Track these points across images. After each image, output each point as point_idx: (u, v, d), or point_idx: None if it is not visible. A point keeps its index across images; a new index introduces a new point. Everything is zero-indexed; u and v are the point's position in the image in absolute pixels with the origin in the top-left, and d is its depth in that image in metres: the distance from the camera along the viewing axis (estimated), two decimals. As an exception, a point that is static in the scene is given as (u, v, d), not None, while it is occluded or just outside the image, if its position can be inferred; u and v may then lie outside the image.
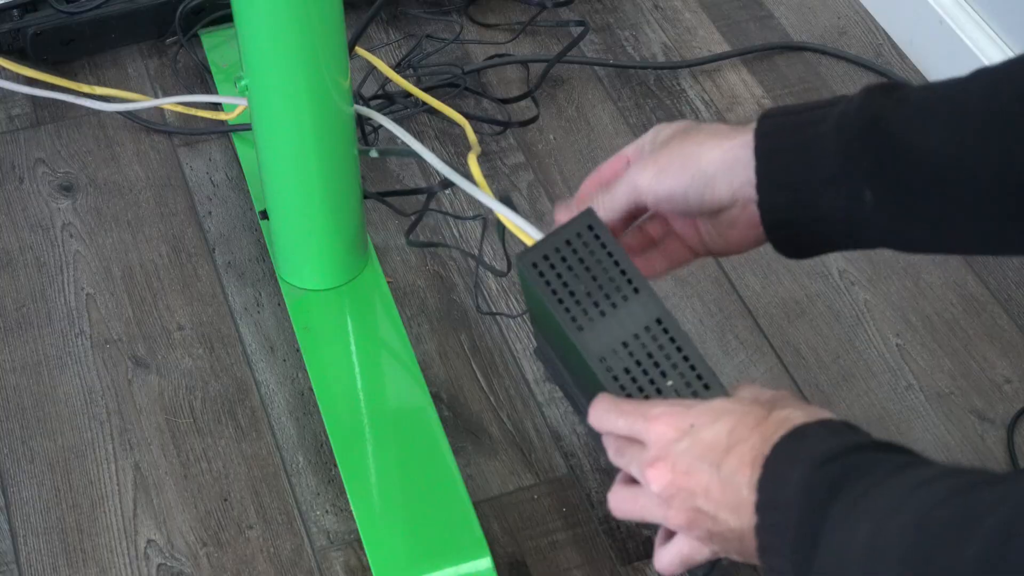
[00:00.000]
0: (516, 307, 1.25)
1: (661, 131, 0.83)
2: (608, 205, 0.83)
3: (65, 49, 1.44)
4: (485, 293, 1.26)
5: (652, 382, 0.79)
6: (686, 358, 0.79)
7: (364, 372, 1.16)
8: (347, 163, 1.14)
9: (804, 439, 0.69)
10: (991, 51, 1.39)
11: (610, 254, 0.81)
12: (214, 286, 1.26)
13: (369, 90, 1.40)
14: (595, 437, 0.83)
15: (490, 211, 1.11)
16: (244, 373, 1.20)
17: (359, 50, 1.30)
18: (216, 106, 1.40)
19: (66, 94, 1.39)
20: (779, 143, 0.77)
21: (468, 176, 1.10)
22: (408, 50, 1.45)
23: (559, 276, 0.81)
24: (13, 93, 1.42)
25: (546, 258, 0.81)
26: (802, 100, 1.44)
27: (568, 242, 0.81)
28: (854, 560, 0.63)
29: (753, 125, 0.79)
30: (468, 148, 1.21)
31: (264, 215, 1.22)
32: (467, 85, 1.42)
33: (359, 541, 1.07)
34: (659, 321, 0.80)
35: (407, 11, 1.52)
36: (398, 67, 1.42)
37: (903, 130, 0.74)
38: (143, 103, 1.37)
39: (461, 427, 1.16)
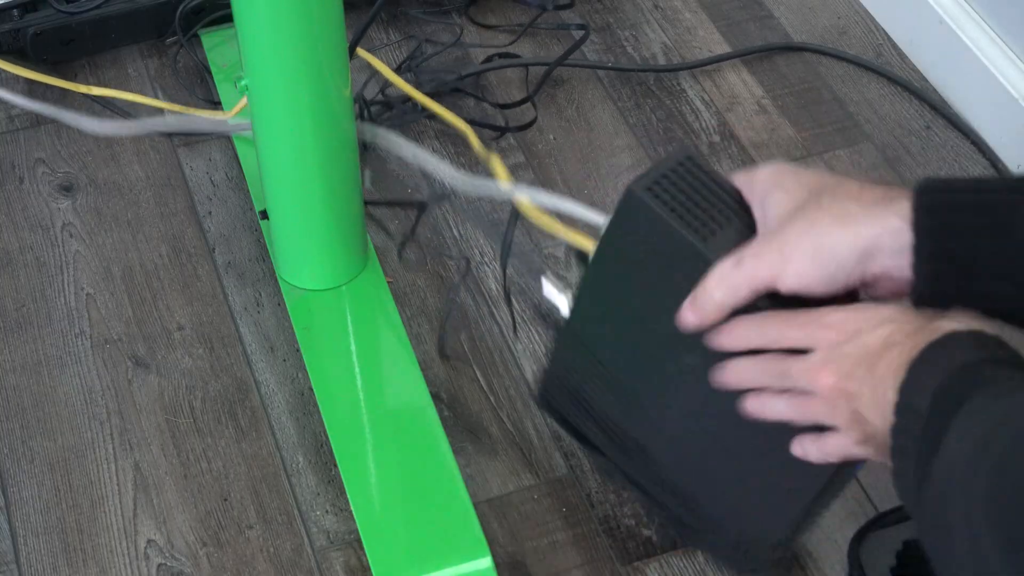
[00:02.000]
0: (516, 308, 1.25)
1: (775, 201, 0.78)
2: (731, 299, 0.78)
3: (65, 49, 1.44)
4: (485, 294, 1.26)
5: None
6: None
7: (364, 372, 1.16)
8: (347, 163, 1.14)
9: (948, 347, 0.70)
10: (991, 51, 1.39)
11: (713, 180, 0.82)
12: (214, 286, 1.27)
13: (370, 92, 1.40)
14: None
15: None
16: (244, 373, 1.20)
17: (360, 52, 1.30)
18: (215, 106, 1.40)
19: (62, 109, 1.38)
20: (956, 222, 0.73)
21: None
22: (408, 53, 1.45)
23: (673, 198, 0.81)
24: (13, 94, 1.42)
25: (657, 184, 0.82)
26: (802, 100, 1.45)
27: (672, 171, 0.82)
28: (960, 465, 0.64)
29: (900, 200, 0.74)
30: (468, 148, 1.21)
31: (264, 215, 1.22)
32: (466, 89, 1.42)
33: (359, 541, 1.07)
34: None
35: (407, 11, 1.52)
36: (398, 70, 1.42)
37: None
38: (136, 123, 1.37)
39: (461, 427, 1.16)
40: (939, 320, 0.72)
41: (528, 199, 1.06)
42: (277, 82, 1.07)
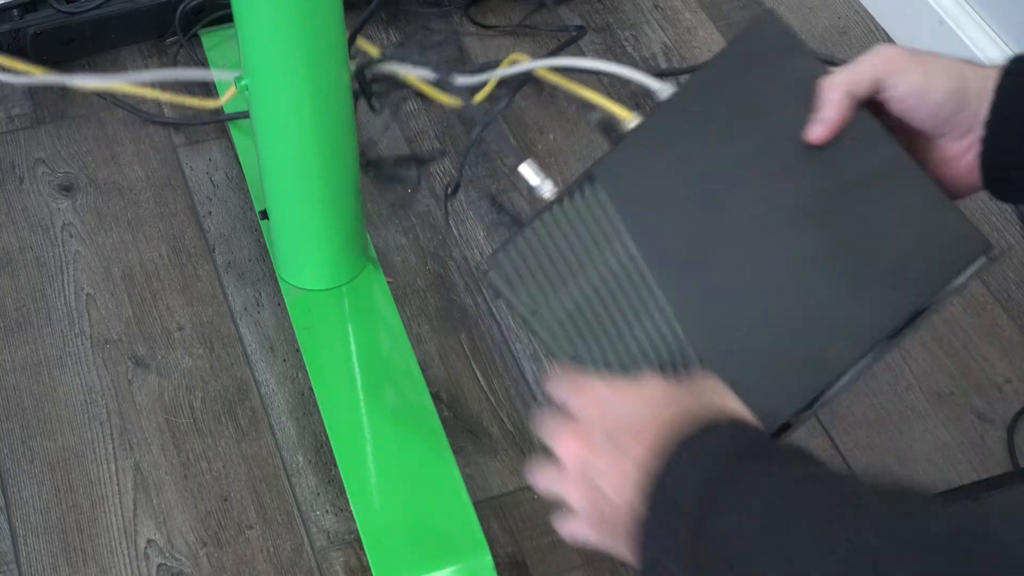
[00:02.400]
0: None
1: (895, 47, 0.82)
2: (846, 77, 0.80)
3: (65, 49, 1.44)
4: (485, 294, 1.26)
5: None
6: None
7: (364, 372, 1.16)
8: (347, 163, 1.14)
9: (708, 436, 0.68)
10: (991, 51, 1.39)
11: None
12: (214, 286, 1.26)
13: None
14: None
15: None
16: (244, 373, 1.20)
17: (360, 41, 1.29)
18: (210, 94, 1.41)
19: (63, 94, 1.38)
20: None
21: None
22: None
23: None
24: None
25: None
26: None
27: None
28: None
29: (1001, 65, 0.78)
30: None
31: (264, 215, 1.22)
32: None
33: (359, 541, 1.07)
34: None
35: (407, 9, 1.52)
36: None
37: None
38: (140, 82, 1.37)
39: (461, 427, 1.16)
40: (696, 410, 0.71)
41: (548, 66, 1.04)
42: (277, 82, 1.07)
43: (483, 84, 1.39)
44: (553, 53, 1.44)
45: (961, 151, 0.80)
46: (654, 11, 1.54)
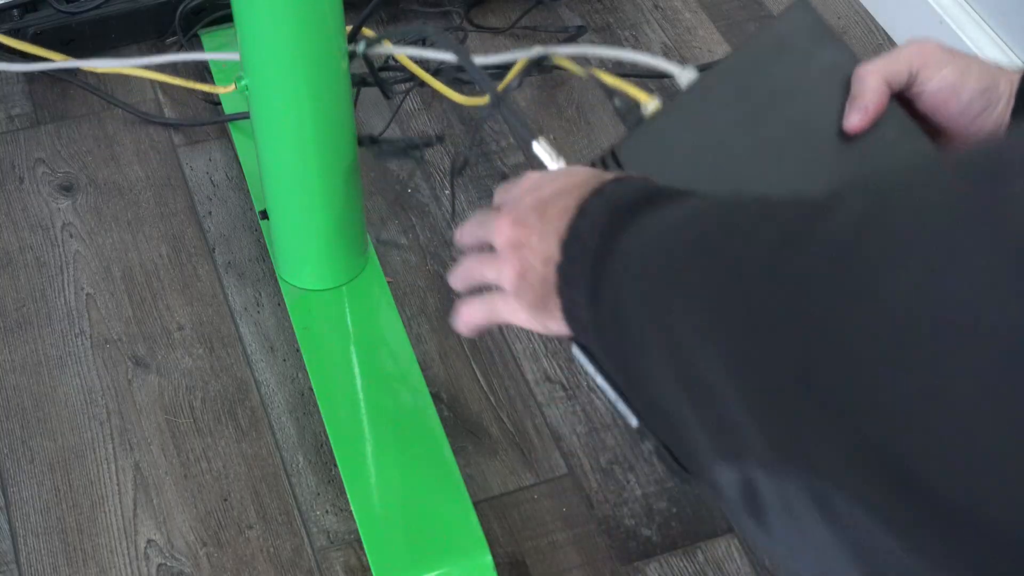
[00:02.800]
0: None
1: (932, 42, 0.82)
2: (884, 66, 0.80)
3: (65, 49, 1.43)
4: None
5: None
6: None
7: (364, 372, 1.16)
8: (347, 163, 1.14)
9: (621, 184, 0.70)
10: (991, 51, 1.39)
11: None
12: (214, 286, 1.27)
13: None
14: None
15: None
16: (244, 373, 1.20)
17: (364, 31, 1.29)
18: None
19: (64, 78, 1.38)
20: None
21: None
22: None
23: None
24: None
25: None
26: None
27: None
28: (641, 258, 0.62)
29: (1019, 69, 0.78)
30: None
31: (264, 215, 1.22)
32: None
33: (359, 541, 1.07)
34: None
35: (407, 9, 1.52)
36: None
37: None
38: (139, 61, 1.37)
39: (461, 427, 1.16)
40: (611, 173, 0.73)
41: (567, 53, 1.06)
42: (277, 82, 1.07)
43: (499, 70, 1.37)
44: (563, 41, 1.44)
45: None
46: (654, 11, 1.54)
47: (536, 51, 1.02)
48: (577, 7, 1.53)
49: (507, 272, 0.74)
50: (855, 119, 0.80)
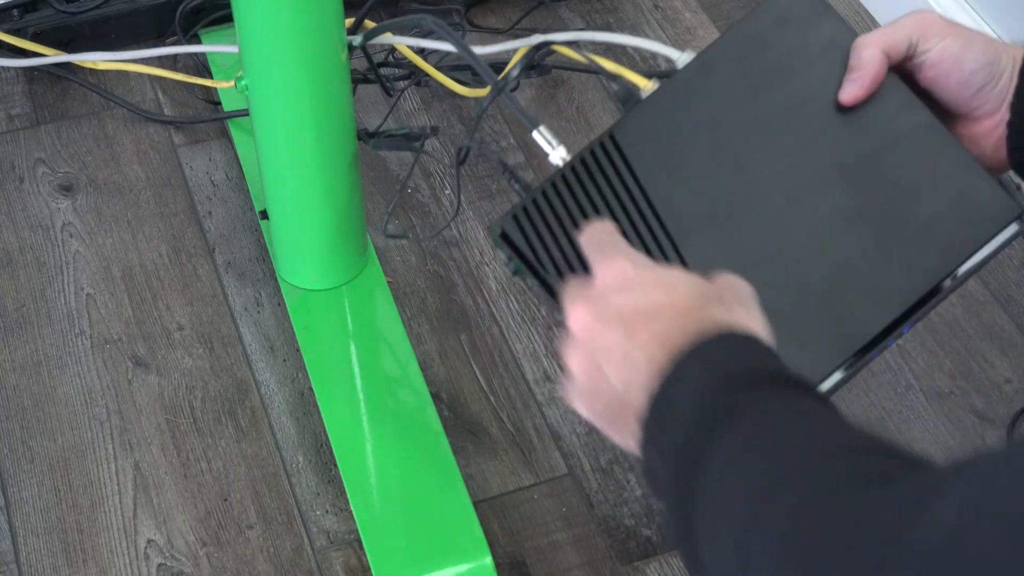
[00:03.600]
0: (515, 308, 1.25)
1: (932, 12, 0.81)
2: (881, 37, 0.80)
3: (65, 49, 1.44)
4: (485, 294, 1.26)
5: None
6: None
7: (364, 372, 1.16)
8: (347, 163, 1.14)
9: (721, 350, 0.65)
10: (991, 51, 1.39)
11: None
12: (214, 286, 1.27)
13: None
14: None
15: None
16: (244, 373, 1.20)
17: (367, 22, 1.29)
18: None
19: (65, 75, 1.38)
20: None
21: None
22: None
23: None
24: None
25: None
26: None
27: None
28: (727, 510, 0.60)
29: None
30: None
31: (264, 215, 1.22)
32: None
33: (359, 541, 1.07)
34: None
35: (407, 7, 1.51)
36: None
37: None
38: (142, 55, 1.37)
39: (461, 427, 1.16)
40: (714, 308, 0.68)
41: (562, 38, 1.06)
42: (277, 82, 1.07)
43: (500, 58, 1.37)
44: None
45: (989, 129, 0.79)
46: (654, 11, 1.54)
47: (536, 38, 1.02)
48: (577, 7, 1.53)
49: (574, 366, 0.70)
50: (851, 90, 0.79)
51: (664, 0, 1.56)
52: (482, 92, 1.29)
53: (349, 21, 1.12)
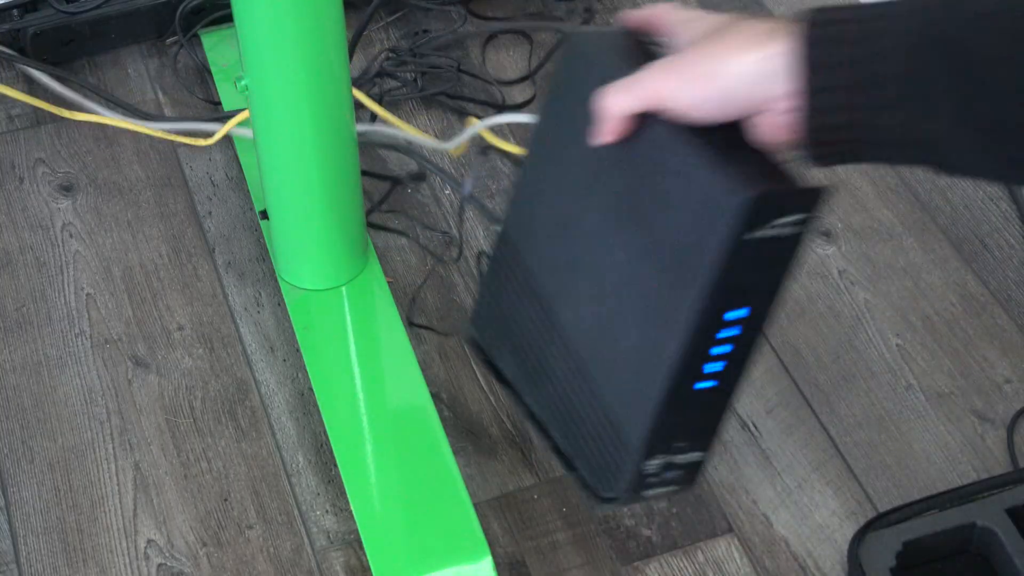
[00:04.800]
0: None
1: (695, 24, 0.82)
2: (627, 106, 0.80)
3: (65, 49, 1.44)
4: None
5: None
6: None
7: (364, 372, 1.16)
8: (347, 163, 1.14)
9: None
10: (991, 51, 1.39)
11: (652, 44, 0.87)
12: (214, 286, 1.27)
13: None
14: None
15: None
16: (244, 373, 1.20)
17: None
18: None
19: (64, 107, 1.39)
20: (832, 57, 0.73)
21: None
22: (409, 43, 1.46)
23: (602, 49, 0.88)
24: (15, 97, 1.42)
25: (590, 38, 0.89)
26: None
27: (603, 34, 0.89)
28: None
29: (794, 29, 0.75)
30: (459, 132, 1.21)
31: (264, 215, 1.22)
32: (462, 67, 1.44)
33: (359, 541, 1.07)
34: None
35: (408, 2, 1.51)
36: (395, 55, 1.42)
37: (979, 43, 0.71)
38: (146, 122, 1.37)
39: (461, 427, 1.16)
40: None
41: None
42: (277, 82, 1.07)
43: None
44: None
45: (763, 120, 0.77)
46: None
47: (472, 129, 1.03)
48: (577, 6, 1.53)
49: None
50: (594, 135, 0.81)
51: (664, 0, 1.55)
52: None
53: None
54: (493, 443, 1.15)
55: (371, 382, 1.16)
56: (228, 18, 1.43)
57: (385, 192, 1.33)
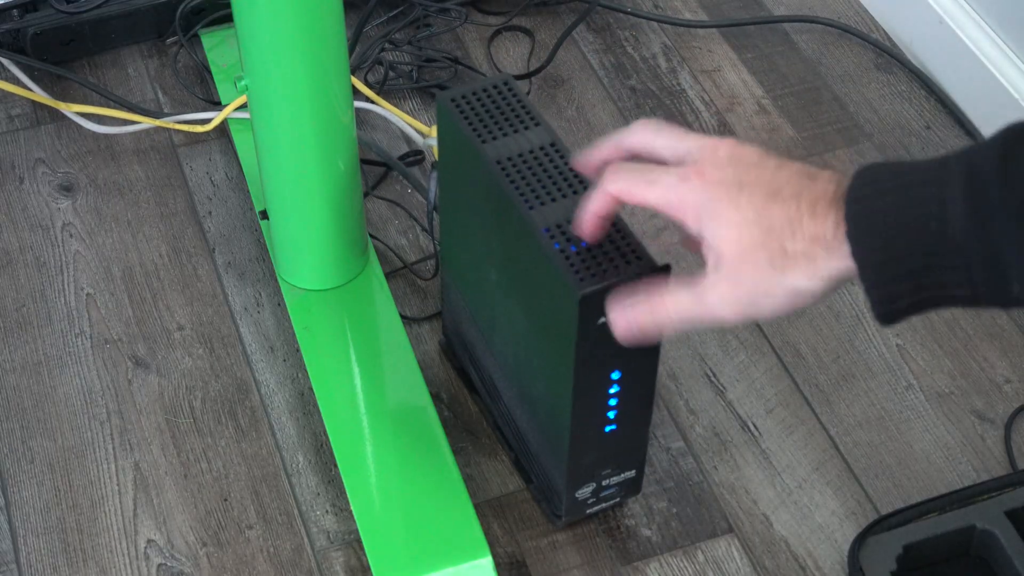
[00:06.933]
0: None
1: (679, 146, 0.76)
2: (672, 327, 0.76)
3: (65, 49, 1.44)
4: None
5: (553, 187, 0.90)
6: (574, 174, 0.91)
7: (364, 372, 1.16)
8: (347, 163, 1.14)
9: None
10: (991, 51, 1.39)
11: (519, 102, 0.94)
12: (214, 286, 1.27)
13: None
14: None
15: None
16: (244, 373, 1.20)
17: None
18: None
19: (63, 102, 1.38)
20: (885, 237, 0.67)
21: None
22: (409, 35, 1.46)
23: (472, 108, 0.95)
24: (13, 93, 1.42)
25: (462, 98, 0.96)
26: (802, 100, 1.45)
27: (484, 90, 0.96)
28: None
29: (841, 225, 0.69)
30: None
31: (264, 215, 1.22)
32: (462, 61, 1.44)
33: (359, 541, 1.07)
34: (552, 144, 0.93)
35: None
36: (392, 45, 1.42)
37: None
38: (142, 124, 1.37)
39: (461, 427, 1.16)
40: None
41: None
42: (277, 82, 1.07)
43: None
44: (567, 32, 1.45)
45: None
46: (654, 11, 1.54)
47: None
48: (577, 7, 1.53)
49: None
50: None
51: (664, 0, 1.56)
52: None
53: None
54: (493, 443, 1.15)
55: (371, 382, 1.16)
56: (228, 18, 1.43)
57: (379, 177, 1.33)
